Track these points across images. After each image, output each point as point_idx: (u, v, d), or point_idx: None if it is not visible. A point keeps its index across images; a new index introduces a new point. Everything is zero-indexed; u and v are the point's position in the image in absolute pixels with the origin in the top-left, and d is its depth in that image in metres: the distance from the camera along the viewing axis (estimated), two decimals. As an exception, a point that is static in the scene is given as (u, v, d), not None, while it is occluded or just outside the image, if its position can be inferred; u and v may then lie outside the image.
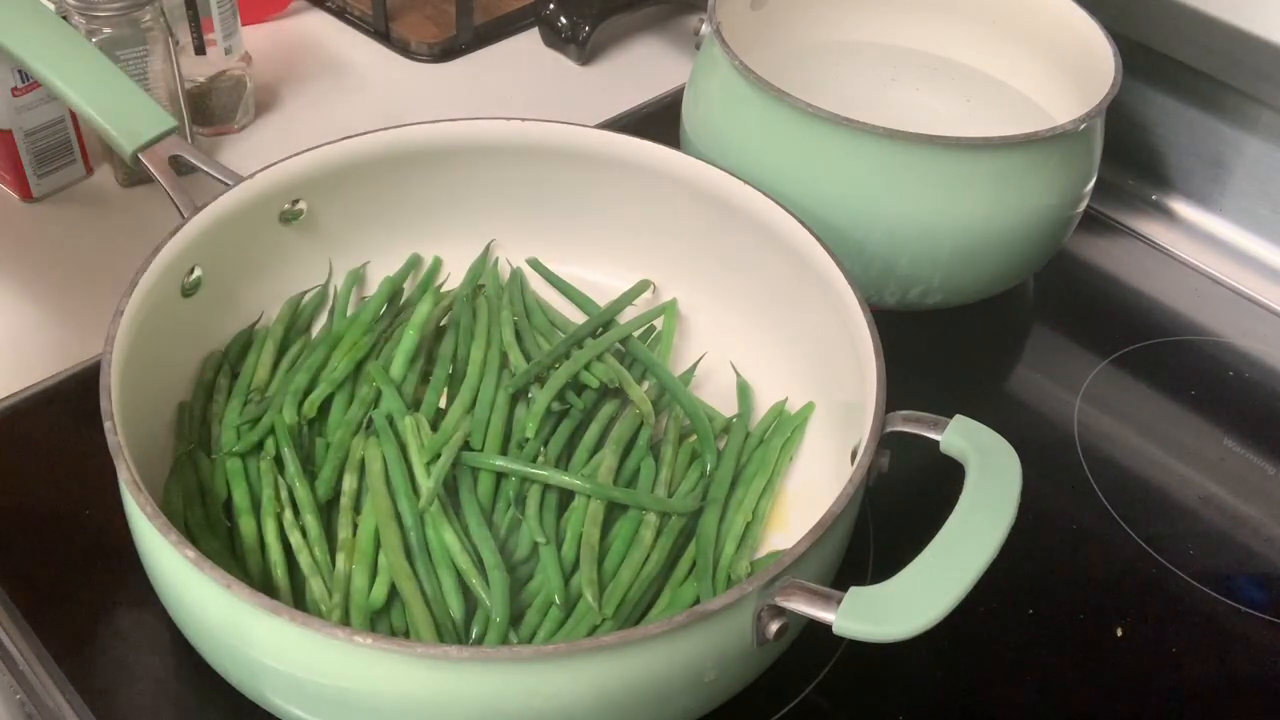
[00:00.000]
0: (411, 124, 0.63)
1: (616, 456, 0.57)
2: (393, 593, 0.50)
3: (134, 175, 0.76)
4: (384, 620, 0.50)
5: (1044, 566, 0.59)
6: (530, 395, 0.60)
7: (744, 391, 0.62)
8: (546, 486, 0.55)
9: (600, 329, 0.64)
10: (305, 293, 0.64)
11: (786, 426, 0.60)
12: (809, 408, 0.61)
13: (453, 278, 0.67)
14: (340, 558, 0.51)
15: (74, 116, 0.74)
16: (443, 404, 0.60)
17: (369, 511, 0.53)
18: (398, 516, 0.53)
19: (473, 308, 0.64)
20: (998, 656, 0.56)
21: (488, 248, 0.68)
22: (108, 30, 0.70)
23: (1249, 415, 0.69)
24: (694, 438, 0.60)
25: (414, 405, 0.59)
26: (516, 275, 0.67)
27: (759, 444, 0.59)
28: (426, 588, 0.50)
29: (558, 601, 0.50)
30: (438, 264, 0.67)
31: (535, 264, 0.68)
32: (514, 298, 0.66)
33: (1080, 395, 0.68)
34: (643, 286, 0.67)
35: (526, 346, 0.62)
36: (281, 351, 0.61)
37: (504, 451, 0.57)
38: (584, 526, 0.53)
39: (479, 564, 0.51)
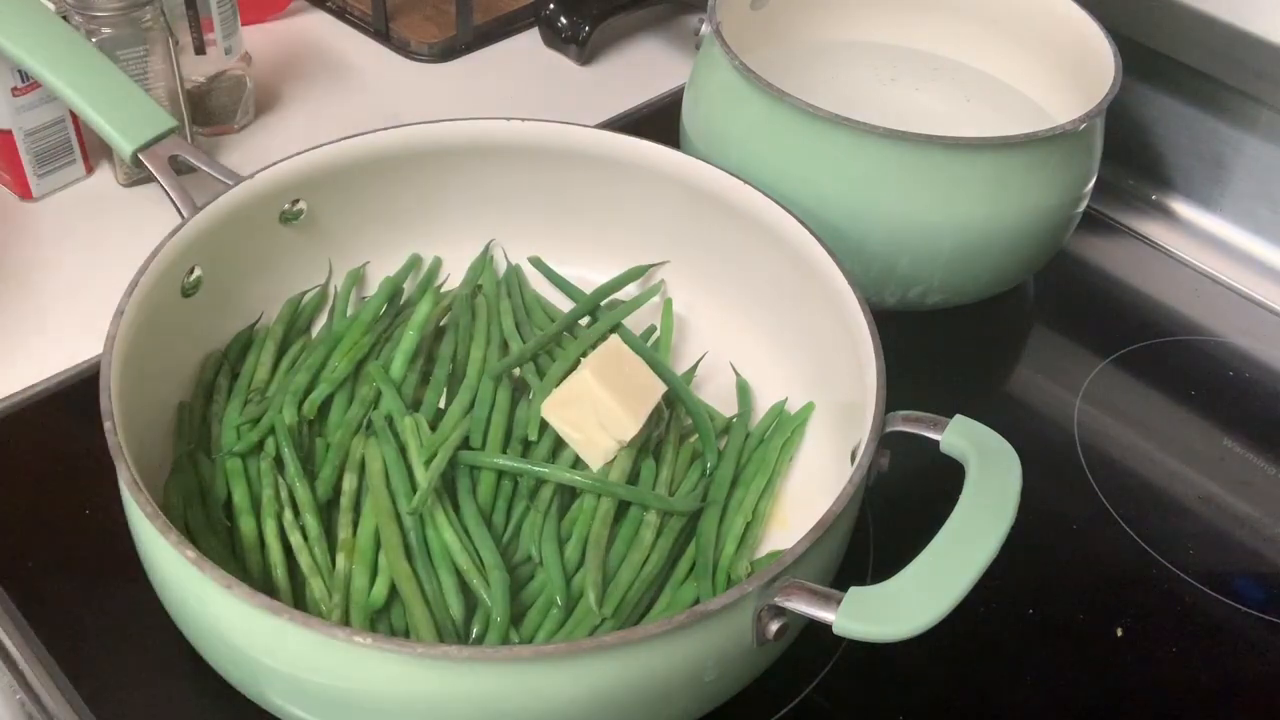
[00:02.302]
0: (411, 124, 0.63)
1: (630, 457, 0.56)
2: (393, 592, 0.50)
3: (134, 175, 0.76)
4: (384, 620, 0.50)
5: (1044, 566, 0.59)
6: (530, 395, 0.60)
7: (744, 391, 0.62)
8: (541, 483, 0.55)
9: (592, 319, 0.65)
10: (305, 293, 0.64)
11: (786, 426, 0.60)
12: (809, 408, 0.61)
13: (453, 278, 0.67)
14: (340, 558, 0.51)
15: (75, 116, 0.74)
16: (442, 404, 0.60)
17: (369, 511, 0.53)
18: (397, 516, 0.53)
19: (471, 307, 0.64)
20: (998, 656, 0.56)
21: (487, 247, 0.68)
22: (108, 30, 0.70)
23: (1249, 415, 0.69)
24: (695, 438, 0.60)
25: (414, 406, 0.59)
26: (513, 271, 0.67)
27: (759, 444, 0.59)
28: (426, 588, 0.50)
29: (559, 602, 0.50)
30: (437, 264, 0.67)
31: (537, 262, 0.68)
32: (512, 292, 0.66)
33: (1080, 395, 0.68)
34: (635, 273, 0.66)
35: (527, 341, 0.62)
36: (281, 351, 0.61)
37: (504, 451, 0.57)
38: (592, 526, 0.53)
39: (479, 564, 0.51)
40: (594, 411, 0.55)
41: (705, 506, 0.56)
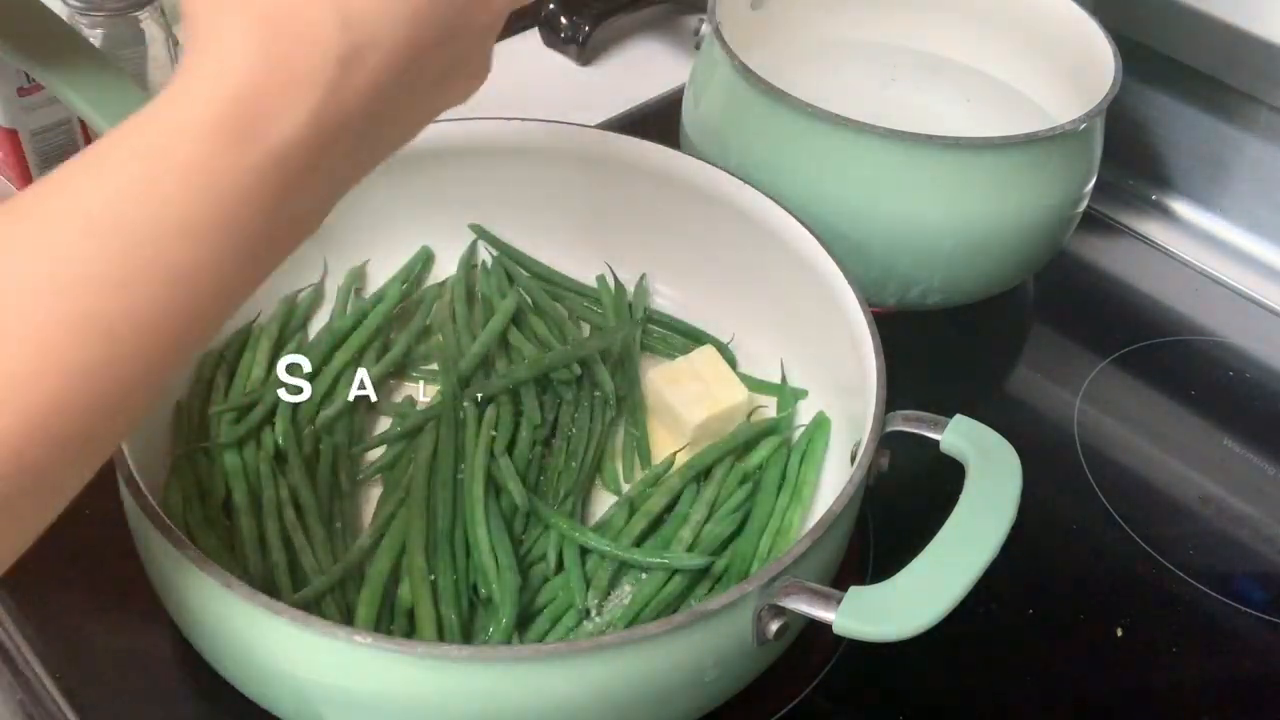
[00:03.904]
0: (411, 124, 0.63)
1: (687, 467, 0.57)
2: (389, 594, 0.50)
3: (134, 175, 0.76)
4: (386, 615, 0.50)
5: (1044, 566, 0.59)
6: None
7: (785, 396, 0.62)
8: (567, 494, 0.55)
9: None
10: (300, 291, 0.64)
11: (820, 439, 0.59)
12: (824, 419, 0.60)
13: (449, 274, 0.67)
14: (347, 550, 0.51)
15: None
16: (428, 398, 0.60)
17: (403, 511, 0.53)
18: (428, 509, 0.53)
19: (465, 308, 0.64)
20: (998, 656, 0.56)
21: (472, 245, 0.68)
22: (108, 30, 0.70)
23: (1249, 415, 0.69)
24: (747, 459, 0.59)
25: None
26: (499, 262, 0.67)
27: (801, 456, 0.58)
28: (440, 584, 0.50)
29: (578, 605, 0.50)
30: (429, 259, 0.68)
31: (532, 262, 0.68)
32: (502, 283, 0.66)
33: (1080, 395, 0.68)
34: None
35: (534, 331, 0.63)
36: (277, 349, 0.61)
37: (515, 434, 0.57)
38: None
39: (495, 563, 0.51)
40: (700, 382, 0.60)
41: (744, 531, 0.55)
